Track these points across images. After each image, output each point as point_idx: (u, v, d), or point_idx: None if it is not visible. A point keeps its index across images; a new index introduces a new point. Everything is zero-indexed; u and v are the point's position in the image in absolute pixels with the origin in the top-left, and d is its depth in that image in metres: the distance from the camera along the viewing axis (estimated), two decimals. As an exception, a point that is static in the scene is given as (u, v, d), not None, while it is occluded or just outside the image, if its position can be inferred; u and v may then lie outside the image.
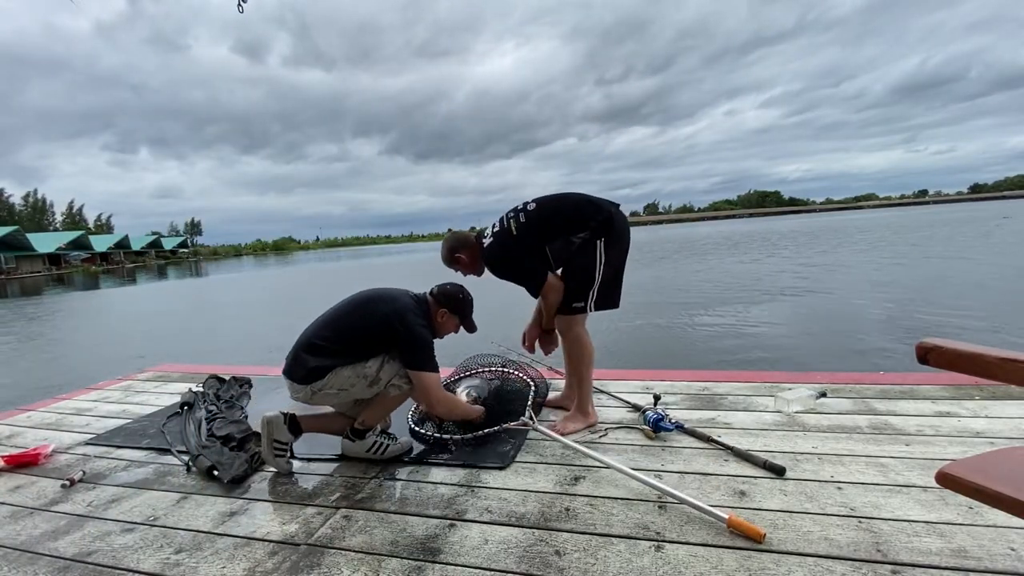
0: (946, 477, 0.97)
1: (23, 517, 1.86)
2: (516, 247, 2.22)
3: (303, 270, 37.96)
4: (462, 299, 2.18)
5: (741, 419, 2.26)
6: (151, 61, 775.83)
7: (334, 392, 2.01)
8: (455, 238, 2.37)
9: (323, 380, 1.97)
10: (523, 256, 2.22)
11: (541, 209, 2.24)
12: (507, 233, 2.22)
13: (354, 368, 1.99)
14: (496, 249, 2.25)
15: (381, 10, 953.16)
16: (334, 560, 1.49)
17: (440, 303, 2.15)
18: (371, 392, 2.05)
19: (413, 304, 2.09)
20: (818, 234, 30.34)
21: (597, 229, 2.19)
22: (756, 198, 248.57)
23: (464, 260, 2.33)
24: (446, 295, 2.16)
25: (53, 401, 3.29)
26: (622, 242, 2.23)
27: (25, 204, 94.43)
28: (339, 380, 1.99)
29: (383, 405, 2.09)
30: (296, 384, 2.00)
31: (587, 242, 2.20)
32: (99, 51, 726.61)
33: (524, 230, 2.21)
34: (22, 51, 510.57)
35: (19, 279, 49.19)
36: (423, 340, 2.00)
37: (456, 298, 2.16)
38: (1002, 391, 2.31)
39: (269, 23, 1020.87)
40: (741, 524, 1.47)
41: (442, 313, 2.15)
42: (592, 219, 2.19)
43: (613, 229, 2.19)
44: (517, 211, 2.26)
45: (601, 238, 2.19)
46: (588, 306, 2.21)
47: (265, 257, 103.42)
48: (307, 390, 1.99)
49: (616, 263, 2.22)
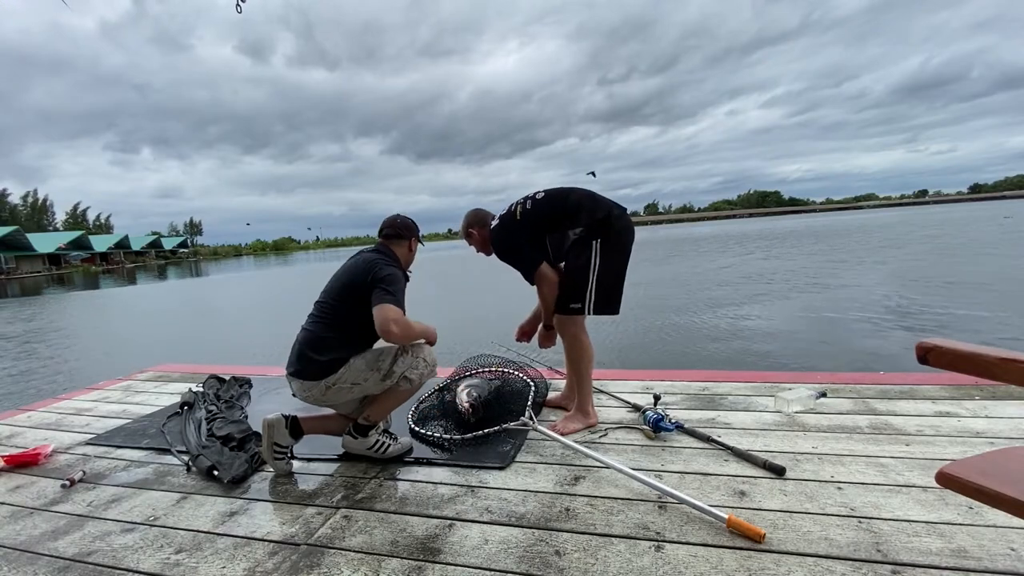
0: (946, 477, 0.97)
1: (23, 517, 1.86)
2: (517, 232, 2.27)
3: (304, 270, 37.95)
4: (401, 222, 2.22)
5: (741, 419, 2.26)
6: (155, 61, 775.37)
7: (348, 387, 2.00)
8: (473, 215, 2.47)
9: (337, 374, 1.96)
10: (522, 243, 2.26)
11: (548, 199, 2.27)
12: (511, 217, 2.30)
13: (366, 360, 1.99)
14: (499, 231, 2.32)
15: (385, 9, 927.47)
16: (334, 560, 1.49)
17: (404, 236, 2.20)
18: (383, 387, 2.04)
19: (375, 256, 2.11)
20: (818, 233, 30.34)
21: (593, 228, 2.19)
22: (756, 198, 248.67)
23: (476, 237, 2.44)
24: (404, 227, 2.21)
25: (53, 401, 3.29)
26: (621, 245, 2.22)
27: (24, 204, 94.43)
28: (353, 373, 1.98)
29: (390, 400, 2.08)
30: (307, 382, 1.98)
31: (583, 240, 2.21)
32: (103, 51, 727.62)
33: (527, 217, 2.26)
34: (27, 50, 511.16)
35: (19, 279, 49.18)
36: (392, 277, 1.98)
37: (410, 224, 2.23)
38: (1002, 391, 2.31)
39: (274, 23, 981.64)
40: (741, 524, 1.47)
41: (412, 242, 2.22)
42: (590, 216, 2.19)
43: (611, 230, 2.18)
44: (526, 199, 2.30)
45: (597, 238, 2.18)
46: (586, 308, 2.20)
47: (265, 257, 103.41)
48: (321, 386, 1.97)
49: (615, 267, 2.21)
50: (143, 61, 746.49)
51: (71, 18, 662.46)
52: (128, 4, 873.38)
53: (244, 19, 66.64)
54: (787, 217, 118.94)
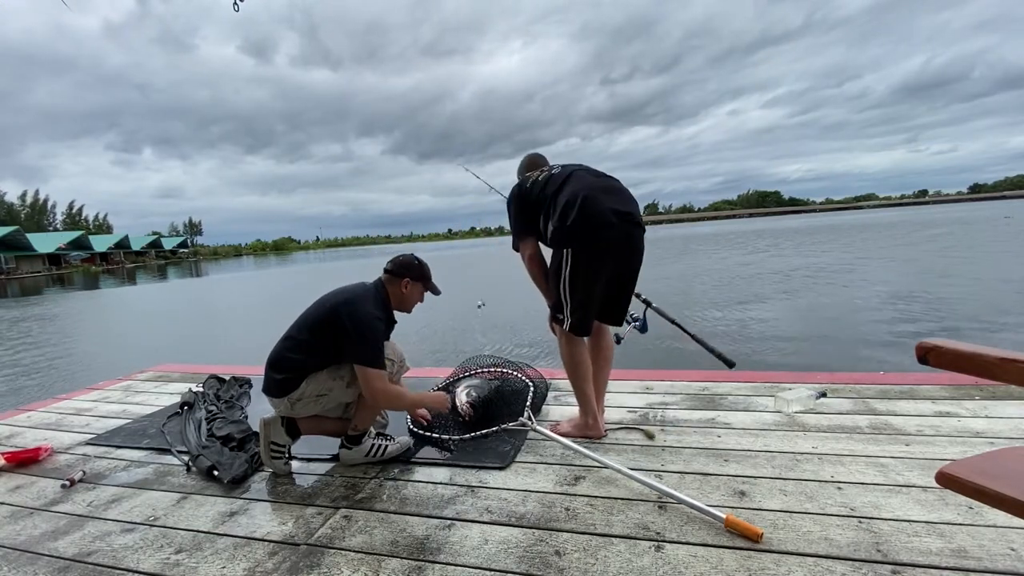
0: (946, 477, 0.97)
1: (23, 517, 1.86)
2: (518, 197, 2.20)
3: (304, 270, 37.93)
4: (419, 263, 2.12)
5: (741, 419, 2.25)
6: (158, 61, 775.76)
7: (314, 399, 1.99)
8: (528, 159, 2.40)
9: (298, 389, 1.96)
10: (519, 211, 2.17)
11: (561, 178, 2.08)
12: (523, 181, 2.22)
13: (329, 371, 1.98)
14: (512, 189, 2.27)
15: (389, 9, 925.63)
16: (334, 560, 1.48)
17: (400, 275, 2.07)
18: (351, 394, 2.03)
19: (363, 291, 2.01)
20: (818, 233, 30.33)
21: (557, 235, 1.98)
22: (756, 198, 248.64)
23: None
24: (403, 265, 2.09)
25: (53, 401, 3.29)
26: (604, 261, 1.96)
27: (23, 204, 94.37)
28: (315, 386, 1.97)
29: (371, 405, 2.04)
30: (274, 399, 2.00)
31: (555, 241, 2.02)
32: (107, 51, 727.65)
33: (533, 187, 2.15)
34: (30, 50, 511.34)
35: (19, 279, 49.17)
36: (369, 331, 1.91)
37: (413, 265, 2.10)
38: (1002, 391, 2.31)
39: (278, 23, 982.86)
40: (739, 524, 1.47)
41: (405, 283, 2.07)
42: (560, 220, 1.96)
43: (578, 243, 1.94)
44: (552, 168, 2.18)
45: (567, 248, 1.96)
46: (564, 323, 2.05)
47: (265, 257, 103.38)
48: (286, 402, 1.98)
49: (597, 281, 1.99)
50: (146, 61, 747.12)
51: (75, 18, 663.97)
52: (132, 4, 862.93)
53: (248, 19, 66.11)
54: (788, 217, 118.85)
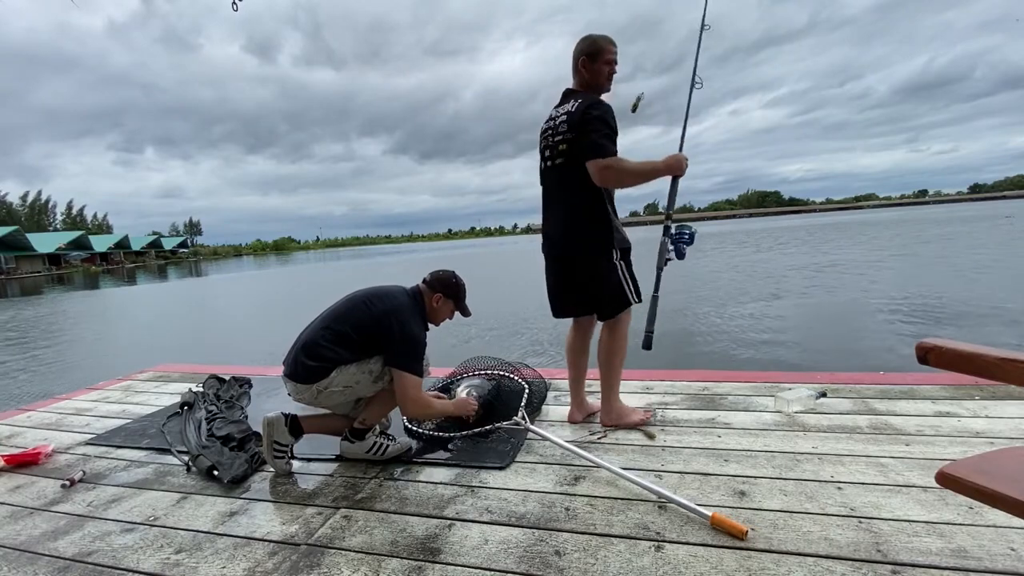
0: (946, 477, 0.97)
1: (23, 517, 1.86)
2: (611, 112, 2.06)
3: (303, 270, 37.94)
4: (455, 283, 2.20)
5: (741, 419, 2.26)
6: (162, 60, 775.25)
7: (339, 390, 2.00)
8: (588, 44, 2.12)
9: (328, 378, 1.97)
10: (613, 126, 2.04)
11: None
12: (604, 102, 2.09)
13: (359, 364, 1.99)
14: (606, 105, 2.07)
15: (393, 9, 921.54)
16: (334, 560, 1.49)
17: (434, 289, 2.17)
18: (375, 388, 2.05)
19: (408, 301, 2.10)
20: (818, 233, 30.33)
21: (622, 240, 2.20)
22: (756, 198, 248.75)
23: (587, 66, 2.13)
24: (440, 281, 2.18)
25: (53, 401, 3.29)
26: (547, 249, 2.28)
27: (23, 204, 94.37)
28: (344, 377, 1.98)
29: (385, 402, 2.09)
30: (300, 385, 1.99)
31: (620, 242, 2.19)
32: (111, 50, 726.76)
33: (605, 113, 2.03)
34: (34, 50, 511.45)
35: (19, 279, 49.18)
36: (414, 340, 2.01)
37: (449, 283, 2.18)
38: (1002, 391, 2.31)
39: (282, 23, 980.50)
40: (724, 521, 1.48)
41: (437, 298, 2.16)
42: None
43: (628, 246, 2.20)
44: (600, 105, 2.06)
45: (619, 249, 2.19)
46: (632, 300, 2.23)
47: (265, 257, 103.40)
48: (312, 389, 1.98)
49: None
50: (150, 60, 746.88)
51: (79, 18, 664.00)
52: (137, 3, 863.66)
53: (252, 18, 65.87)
54: (787, 217, 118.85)
